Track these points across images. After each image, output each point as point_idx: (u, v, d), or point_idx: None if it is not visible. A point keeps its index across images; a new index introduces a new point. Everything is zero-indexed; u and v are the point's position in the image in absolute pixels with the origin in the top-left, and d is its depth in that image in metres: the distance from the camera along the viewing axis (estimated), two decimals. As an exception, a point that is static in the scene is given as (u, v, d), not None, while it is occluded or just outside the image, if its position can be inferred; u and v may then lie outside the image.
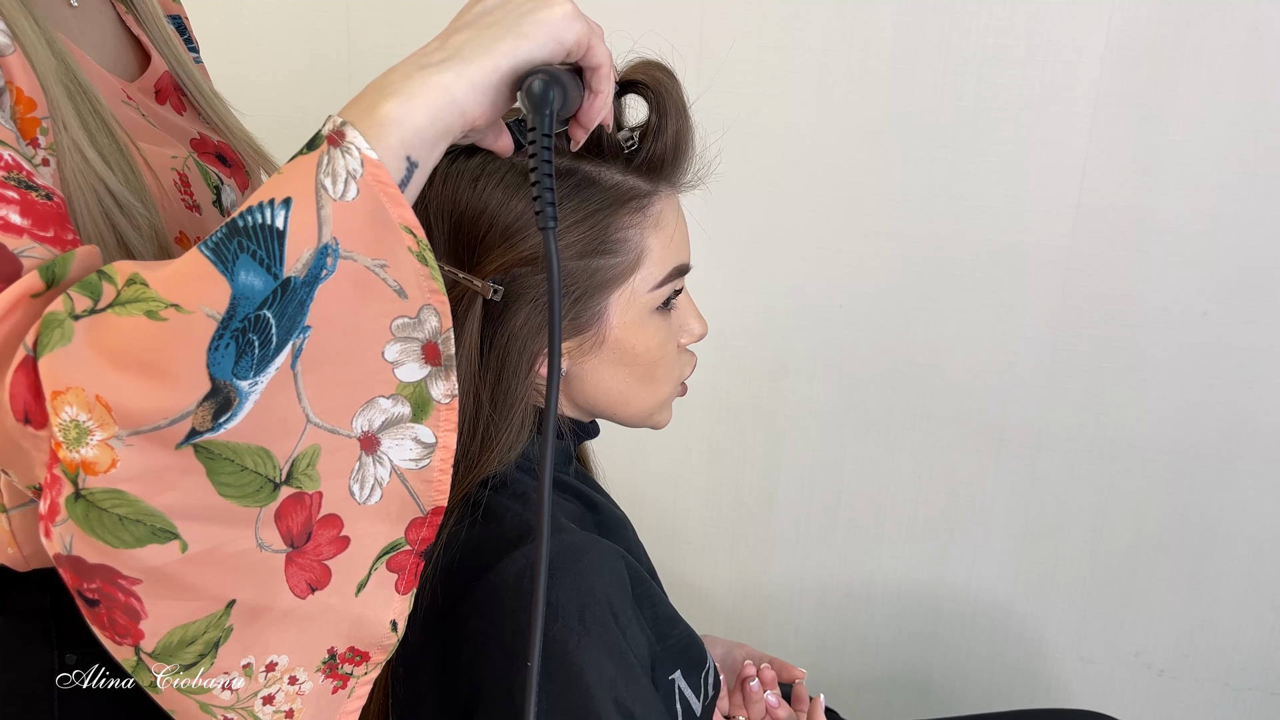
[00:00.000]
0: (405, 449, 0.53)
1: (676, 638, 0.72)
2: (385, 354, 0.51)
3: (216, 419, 0.45)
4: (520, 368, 0.64)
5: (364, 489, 0.53)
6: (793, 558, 1.42)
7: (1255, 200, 1.14)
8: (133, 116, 0.66)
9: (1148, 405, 1.23)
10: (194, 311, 0.44)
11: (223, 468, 0.47)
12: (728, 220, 1.29)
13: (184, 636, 0.49)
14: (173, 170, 0.66)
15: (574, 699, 0.59)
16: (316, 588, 0.52)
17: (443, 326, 0.52)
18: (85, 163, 0.56)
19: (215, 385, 0.44)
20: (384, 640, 0.56)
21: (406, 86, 0.48)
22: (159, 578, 0.47)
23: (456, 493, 0.65)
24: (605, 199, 0.64)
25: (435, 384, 0.53)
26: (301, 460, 0.50)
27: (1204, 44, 1.10)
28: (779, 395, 1.35)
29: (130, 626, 0.47)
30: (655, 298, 0.67)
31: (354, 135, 0.47)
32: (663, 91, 0.64)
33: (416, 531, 0.55)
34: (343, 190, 0.47)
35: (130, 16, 0.72)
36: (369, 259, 0.49)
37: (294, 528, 0.51)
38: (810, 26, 1.20)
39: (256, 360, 0.46)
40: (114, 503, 0.44)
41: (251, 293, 0.45)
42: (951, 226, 1.22)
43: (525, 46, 0.51)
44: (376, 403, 0.52)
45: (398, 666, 0.66)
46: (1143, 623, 1.31)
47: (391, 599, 0.55)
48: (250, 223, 0.45)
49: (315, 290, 0.47)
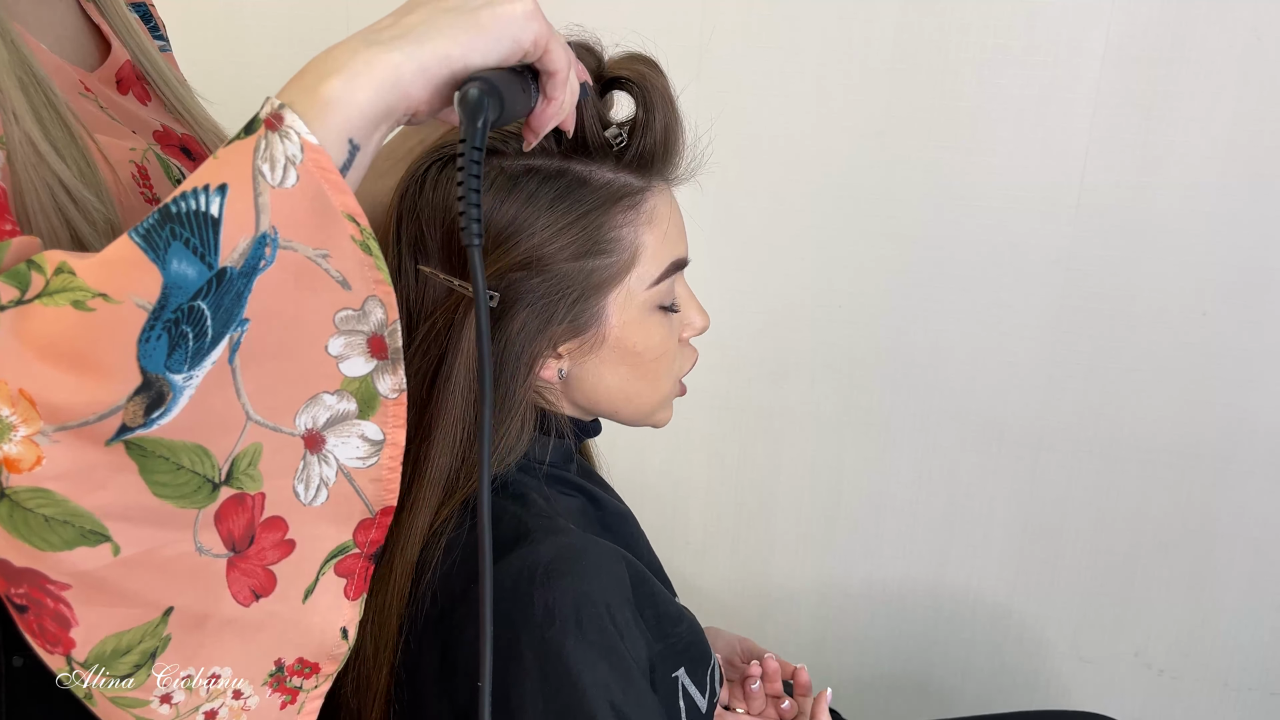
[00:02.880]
0: (352, 447, 0.51)
1: (679, 636, 0.72)
2: (329, 348, 0.49)
3: (149, 414, 0.43)
4: (519, 371, 0.64)
5: (309, 490, 0.50)
6: (793, 558, 1.41)
7: (1255, 200, 1.14)
8: (90, 109, 0.64)
9: (1148, 405, 1.23)
10: (123, 301, 0.41)
11: (157, 465, 0.44)
12: (728, 221, 1.28)
13: (118, 646, 0.46)
14: (131, 163, 0.64)
15: (570, 702, 0.59)
16: (261, 594, 0.50)
17: (389, 318, 0.50)
18: (38, 155, 0.53)
19: (147, 379, 0.42)
20: (334, 650, 0.53)
21: (351, 63, 0.46)
22: (89, 583, 0.44)
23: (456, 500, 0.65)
24: (597, 199, 0.63)
25: (382, 378, 0.51)
26: (242, 459, 0.48)
27: (1204, 44, 1.10)
28: (779, 395, 1.35)
29: (60, 634, 0.45)
30: (654, 295, 0.67)
31: (293, 119, 0.44)
32: (648, 85, 0.63)
33: (365, 533, 0.53)
34: (281, 177, 0.44)
35: (91, 4, 0.69)
36: (310, 249, 0.46)
37: (235, 531, 0.48)
38: (811, 26, 1.20)
39: (191, 353, 0.43)
40: (40, 502, 0.42)
41: (184, 282, 0.42)
42: (951, 226, 1.22)
43: (480, 40, 0.48)
44: (321, 399, 0.49)
45: (399, 670, 0.65)
46: (1143, 623, 1.31)
47: (341, 605, 0.53)
48: (184, 209, 0.43)
49: (253, 281, 0.45)
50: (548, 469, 0.72)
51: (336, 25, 1.33)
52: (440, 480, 0.64)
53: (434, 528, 0.65)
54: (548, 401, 0.70)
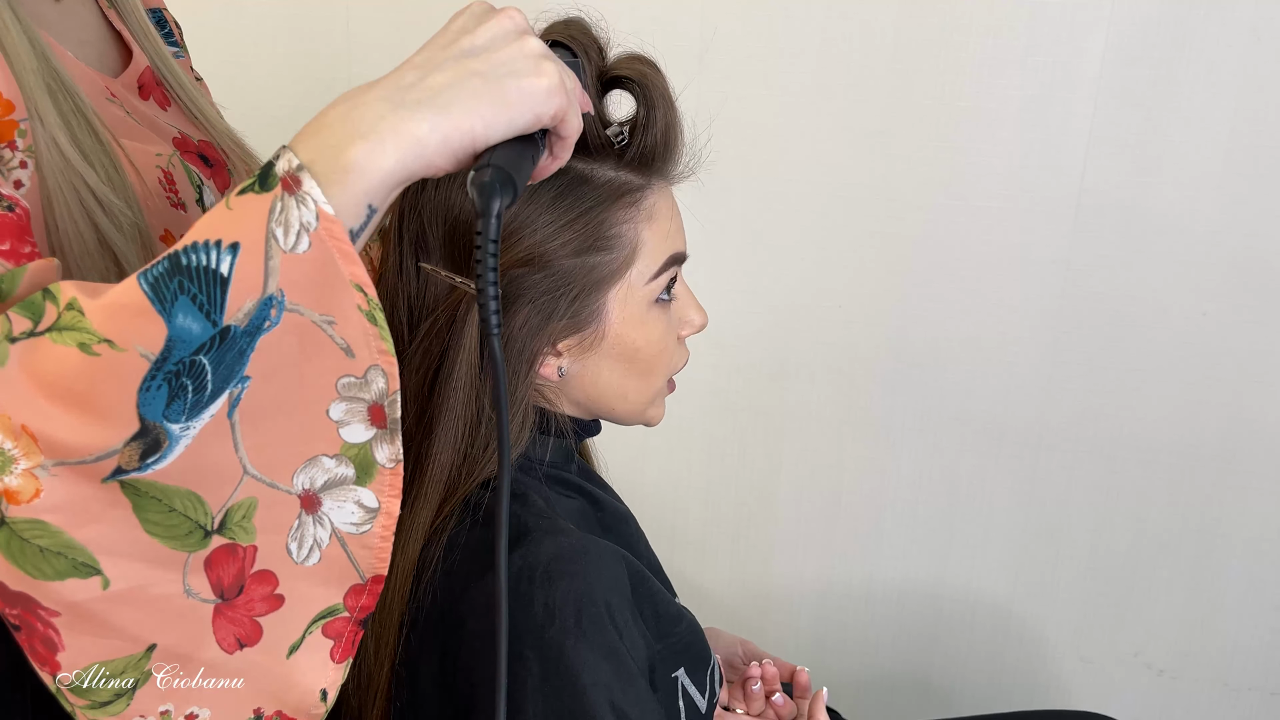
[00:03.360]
0: (347, 512, 0.51)
1: (679, 636, 0.72)
2: (330, 412, 0.49)
3: (144, 459, 0.44)
4: (520, 368, 0.64)
5: (302, 549, 0.51)
6: (793, 558, 1.42)
7: (1255, 200, 1.14)
8: (117, 114, 0.65)
9: (1148, 405, 1.23)
10: (128, 350, 0.42)
11: (150, 505, 0.45)
12: (728, 221, 1.29)
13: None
14: (157, 168, 0.65)
15: (570, 702, 0.59)
16: (245, 644, 0.50)
17: (389, 389, 0.50)
18: (64, 160, 0.54)
19: (145, 426, 0.43)
20: (312, 710, 0.53)
21: (378, 128, 0.46)
22: (79, 613, 0.45)
23: (458, 496, 0.65)
24: (598, 196, 0.64)
25: (380, 447, 0.51)
26: (236, 511, 0.48)
27: (1204, 44, 1.10)
28: (779, 395, 1.35)
29: (48, 656, 0.46)
30: (653, 289, 0.67)
31: (310, 185, 0.45)
32: (648, 84, 0.64)
33: (356, 599, 0.53)
34: (294, 242, 0.44)
35: (113, 11, 0.70)
36: (316, 314, 0.47)
37: (225, 579, 0.49)
38: (810, 26, 1.20)
39: (189, 405, 0.44)
40: (36, 533, 0.43)
41: (188, 337, 0.43)
42: (951, 226, 1.22)
43: (504, 115, 0.48)
44: (319, 461, 0.50)
45: (400, 668, 0.66)
46: (1143, 623, 1.31)
47: (325, 667, 0.53)
48: (194, 263, 0.43)
49: (256, 341, 0.45)
50: (548, 469, 0.72)
51: (337, 26, 1.33)
52: (442, 477, 0.64)
53: (435, 525, 0.65)
54: (547, 400, 0.70)
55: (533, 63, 0.50)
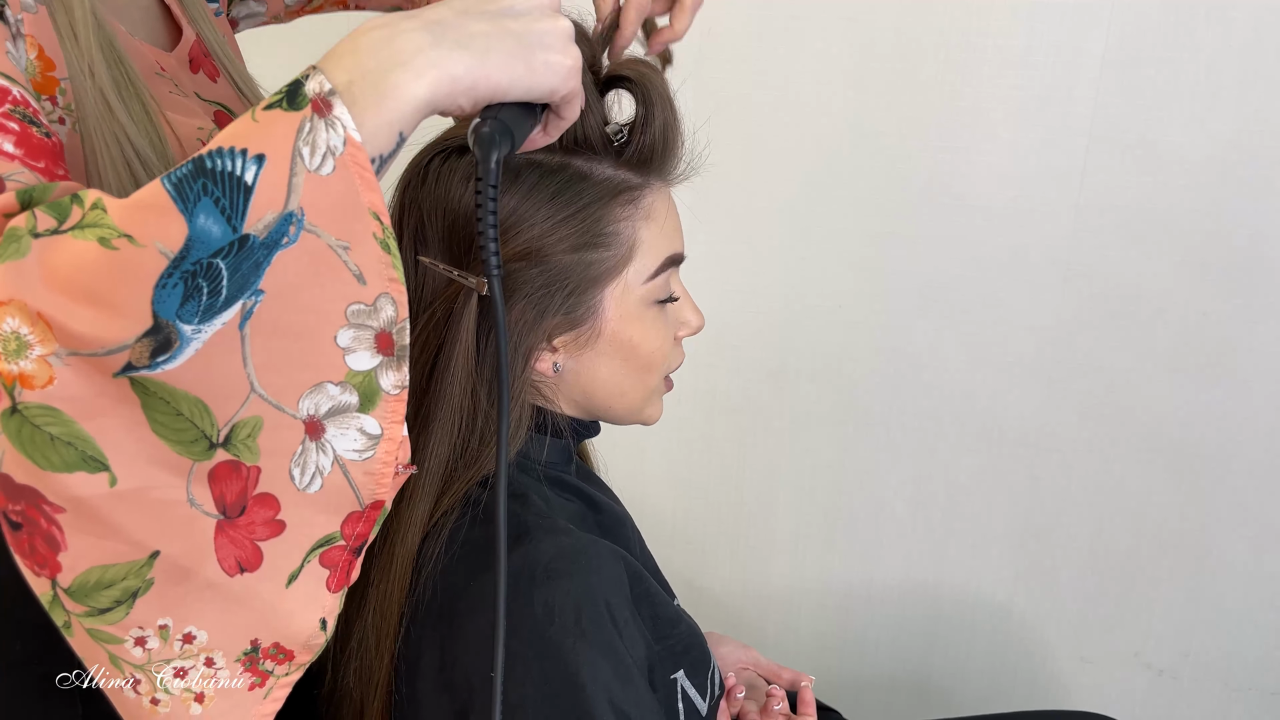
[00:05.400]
0: (350, 439, 0.52)
1: (678, 638, 0.72)
2: (338, 339, 0.50)
3: (154, 357, 0.44)
4: (515, 362, 0.65)
5: (305, 474, 0.51)
6: (793, 558, 1.42)
7: (1255, 200, 1.14)
8: (164, 88, 0.66)
9: (1148, 405, 1.23)
10: (147, 246, 0.43)
11: (158, 406, 0.46)
12: (728, 221, 1.29)
13: (101, 578, 0.48)
14: (199, 142, 0.65)
15: (570, 701, 0.59)
16: (246, 569, 0.51)
17: (399, 316, 0.51)
18: (109, 111, 0.56)
19: (157, 323, 0.44)
20: (312, 640, 0.54)
21: (417, 60, 0.48)
22: (83, 510, 0.46)
23: (456, 491, 0.65)
24: (596, 193, 0.65)
25: (385, 374, 0.52)
26: (242, 429, 0.49)
27: (1204, 44, 1.10)
28: (779, 395, 1.35)
29: (49, 556, 0.47)
30: (650, 290, 0.68)
31: (341, 110, 0.46)
32: (648, 85, 0.65)
33: (353, 526, 0.54)
34: (319, 164, 0.46)
35: None
36: (333, 238, 0.48)
37: (228, 495, 0.49)
38: (811, 27, 1.20)
39: (203, 307, 0.45)
40: (48, 420, 0.44)
41: (208, 238, 0.44)
42: (951, 227, 1.22)
43: (527, 80, 0.51)
44: (325, 388, 0.50)
45: (399, 664, 0.66)
46: (1143, 623, 1.31)
47: (322, 595, 0.53)
48: (219, 167, 0.44)
49: (273, 255, 0.46)
50: (546, 469, 0.72)
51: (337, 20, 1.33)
52: (439, 470, 0.65)
53: (434, 519, 0.65)
54: (545, 398, 0.70)
55: (564, 41, 0.52)
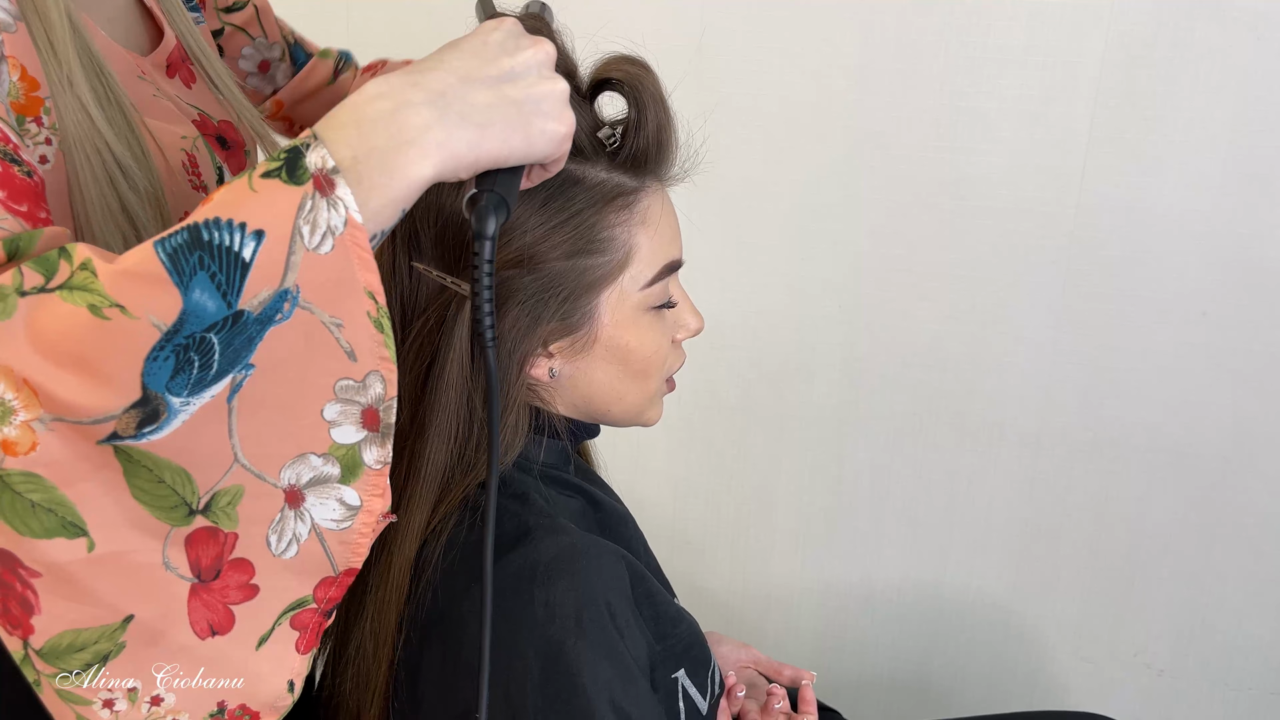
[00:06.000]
0: (329, 509, 0.52)
1: (678, 637, 0.72)
2: (324, 413, 0.50)
3: (141, 428, 0.44)
4: (511, 369, 0.64)
5: (281, 541, 0.52)
6: (793, 558, 1.42)
7: (1255, 200, 1.14)
8: (146, 93, 0.66)
9: (1148, 405, 1.23)
10: (140, 318, 0.42)
11: (140, 473, 0.46)
12: (727, 221, 1.29)
13: (74, 641, 0.47)
14: (182, 150, 0.65)
15: (570, 701, 0.59)
16: (218, 631, 0.51)
17: (387, 394, 0.51)
18: (90, 122, 0.55)
19: (146, 394, 0.43)
20: (278, 702, 0.54)
21: (424, 140, 0.47)
22: (60, 575, 0.46)
23: (454, 497, 0.65)
24: (590, 197, 0.64)
25: (369, 449, 0.52)
26: (222, 497, 0.49)
27: (1204, 44, 1.10)
28: (779, 395, 1.35)
29: (23, 619, 0.47)
30: (647, 295, 0.67)
31: (344, 191, 0.46)
32: (639, 85, 0.63)
33: (325, 590, 0.54)
34: (318, 242, 0.45)
35: None
36: (327, 315, 0.48)
37: (204, 560, 0.50)
38: (811, 26, 1.20)
39: (194, 380, 0.44)
40: (29, 487, 0.44)
41: (203, 313, 0.43)
42: (951, 226, 1.22)
43: (525, 149, 0.51)
44: (308, 458, 0.51)
45: (399, 669, 0.66)
46: (1143, 623, 1.31)
47: (290, 658, 0.54)
48: (216, 241, 0.43)
49: (266, 330, 0.46)
50: (545, 469, 0.72)
51: (337, 27, 1.33)
52: (436, 477, 0.64)
53: (433, 525, 0.65)
54: (542, 400, 0.70)
55: (560, 107, 0.52)
